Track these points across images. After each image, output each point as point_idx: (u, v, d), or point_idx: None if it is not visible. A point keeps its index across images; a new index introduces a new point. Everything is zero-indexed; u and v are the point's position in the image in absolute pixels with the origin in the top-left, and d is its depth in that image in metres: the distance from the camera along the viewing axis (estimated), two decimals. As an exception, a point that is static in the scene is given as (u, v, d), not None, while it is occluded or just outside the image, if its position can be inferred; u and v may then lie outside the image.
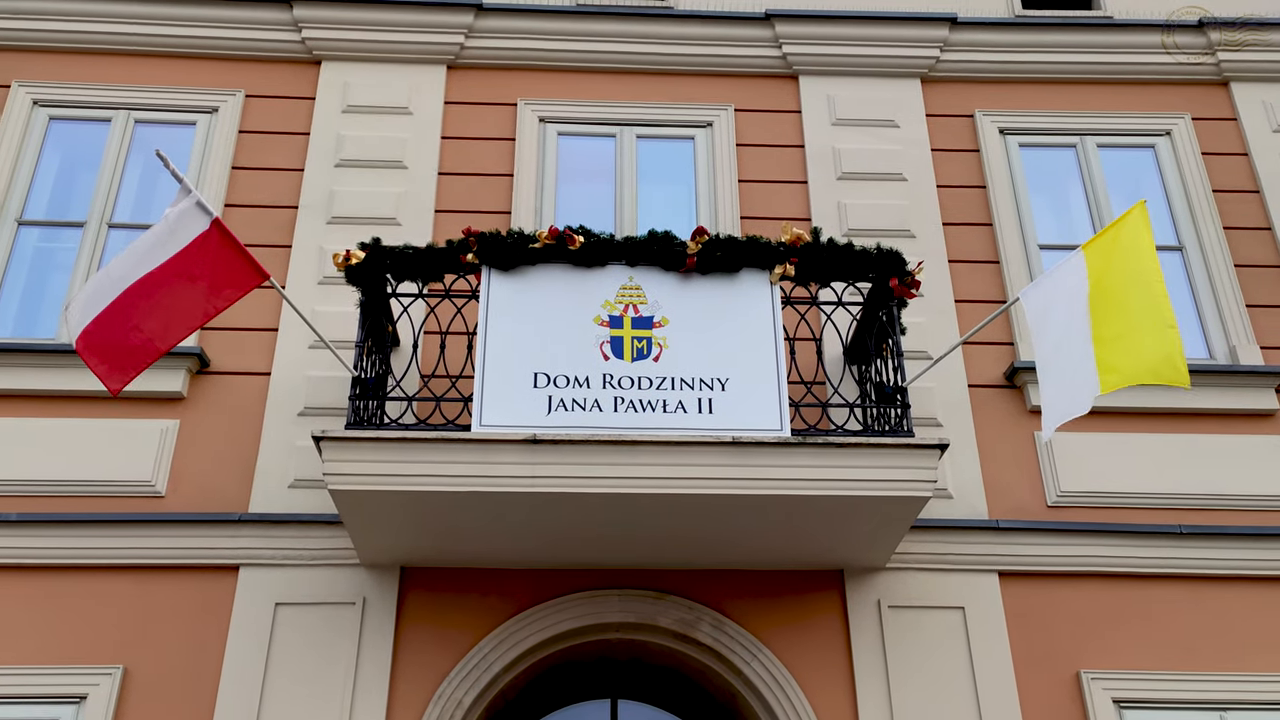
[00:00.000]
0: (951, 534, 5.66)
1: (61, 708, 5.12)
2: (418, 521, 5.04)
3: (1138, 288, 4.76)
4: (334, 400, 5.88)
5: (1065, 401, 4.76)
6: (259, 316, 6.17)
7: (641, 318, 5.16)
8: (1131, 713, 5.35)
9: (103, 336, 4.58)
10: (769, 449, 4.84)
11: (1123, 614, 5.58)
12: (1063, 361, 4.84)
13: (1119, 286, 4.81)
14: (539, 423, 4.89)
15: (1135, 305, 4.74)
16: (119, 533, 5.49)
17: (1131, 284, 4.78)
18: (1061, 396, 4.78)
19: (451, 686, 5.25)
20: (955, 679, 5.34)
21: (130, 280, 4.67)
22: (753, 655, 5.39)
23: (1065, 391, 4.78)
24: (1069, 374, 4.78)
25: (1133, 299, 4.75)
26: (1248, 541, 5.71)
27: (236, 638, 5.30)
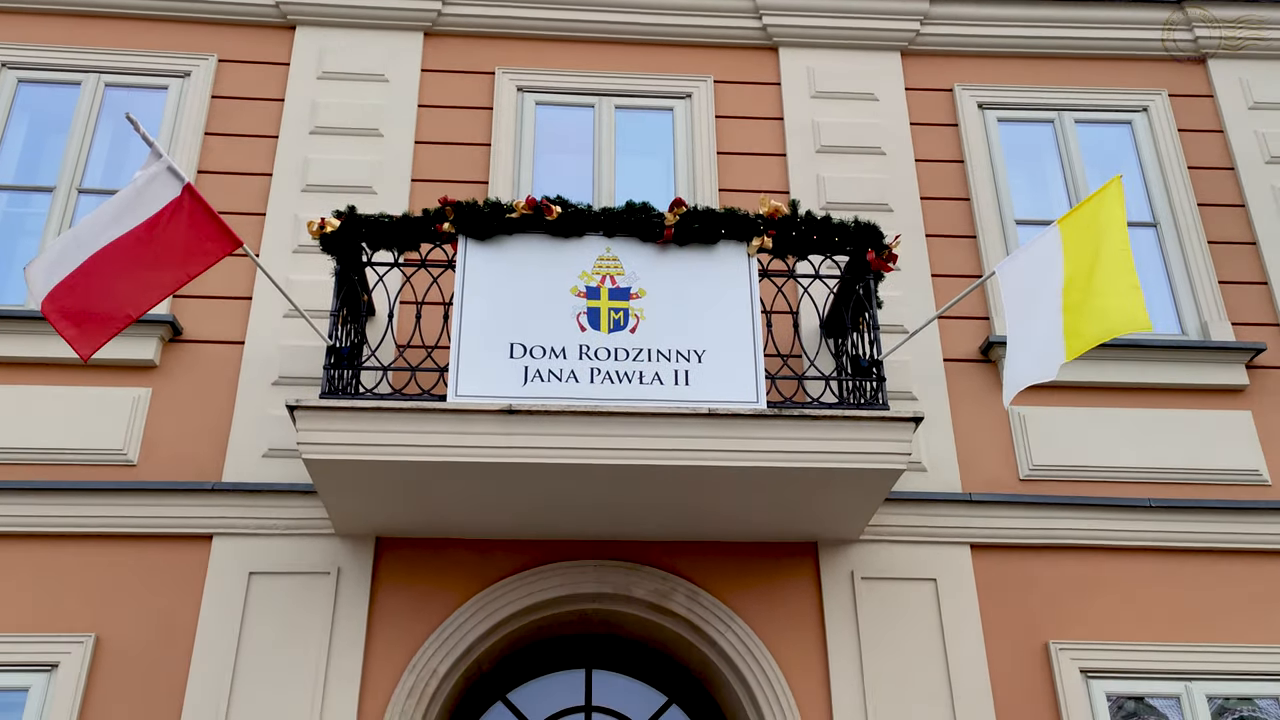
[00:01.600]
0: (925, 506, 5.71)
1: (33, 675, 5.10)
2: (393, 491, 5.03)
3: (1107, 257, 4.79)
4: (309, 370, 5.85)
5: (1030, 368, 4.78)
6: (232, 285, 6.11)
7: (618, 289, 5.15)
8: (1098, 682, 5.43)
9: (71, 301, 4.52)
10: (745, 421, 4.85)
11: (1092, 586, 5.65)
12: (1032, 332, 4.85)
13: (1090, 258, 4.83)
14: (515, 393, 4.88)
15: (1103, 272, 4.77)
16: (91, 501, 5.45)
17: (1102, 255, 4.81)
18: (1027, 364, 4.80)
19: (426, 655, 5.27)
20: (926, 650, 5.40)
21: (99, 244, 4.60)
22: (726, 626, 5.43)
23: (1032, 359, 4.80)
24: (1038, 343, 4.80)
25: (1102, 267, 4.78)
26: (1217, 515, 5.79)
27: (210, 607, 5.28)
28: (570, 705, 5.83)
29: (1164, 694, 5.45)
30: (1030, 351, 4.83)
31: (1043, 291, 4.91)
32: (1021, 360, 4.84)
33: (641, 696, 5.87)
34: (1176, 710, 5.42)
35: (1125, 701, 5.43)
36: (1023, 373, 4.80)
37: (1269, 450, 6.05)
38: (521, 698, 5.83)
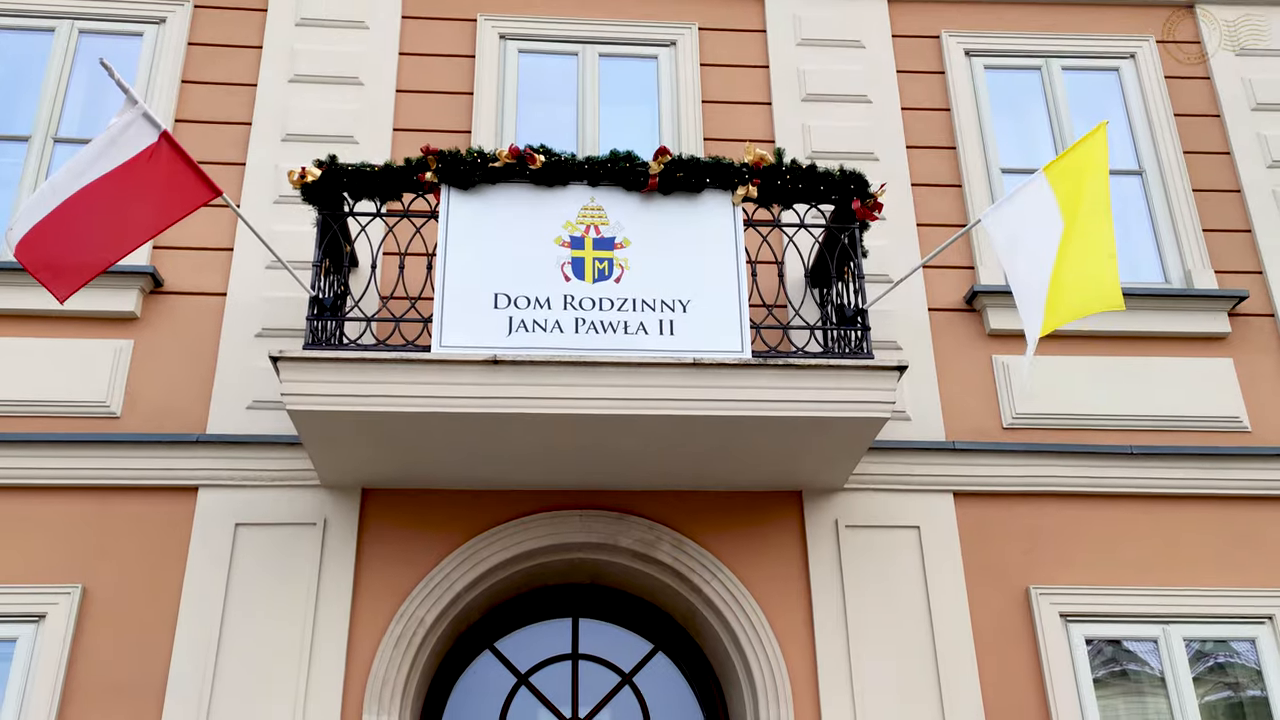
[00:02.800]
0: (908, 455, 5.75)
1: (21, 626, 5.13)
2: (378, 442, 5.03)
3: (1087, 218, 4.78)
4: (292, 321, 5.82)
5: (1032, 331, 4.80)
6: (213, 236, 6.06)
7: (603, 238, 5.12)
8: (1077, 625, 5.51)
9: (47, 247, 4.47)
10: (730, 370, 4.86)
11: (1073, 532, 5.72)
12: (1030, 292, 4.84)
13: (1082, 216, 4.82)
14: (499, 343, 4.87)
15: (1082, 237, 4.76)
16: (75, 453, 5.44)
17: (1082, 214, 4.80)
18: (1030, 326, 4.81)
19: (414, 605, 5.30)
20: (909, 596, 5.47)
21: (73, 189, 4.54)
22: (712, 574, 5.48)
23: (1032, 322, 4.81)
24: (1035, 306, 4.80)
25: (1081, 230, 4.78)
26: (1197, 461, 5.85)
27: (196, 558, 5.30)
28: (557, 653, 5.89)
29: (1142, 637, 5.54)
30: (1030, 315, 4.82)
31: (1040, 248, 4.88)
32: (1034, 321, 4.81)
33: (628, 644, 5.94)
34: (1155, 653, 5.51)
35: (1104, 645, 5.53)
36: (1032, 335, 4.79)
37: (1249, 397, 6.10)
38: (509, 646, 5.89)
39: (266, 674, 5.09)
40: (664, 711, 5.79)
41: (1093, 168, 4.85)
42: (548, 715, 5.75)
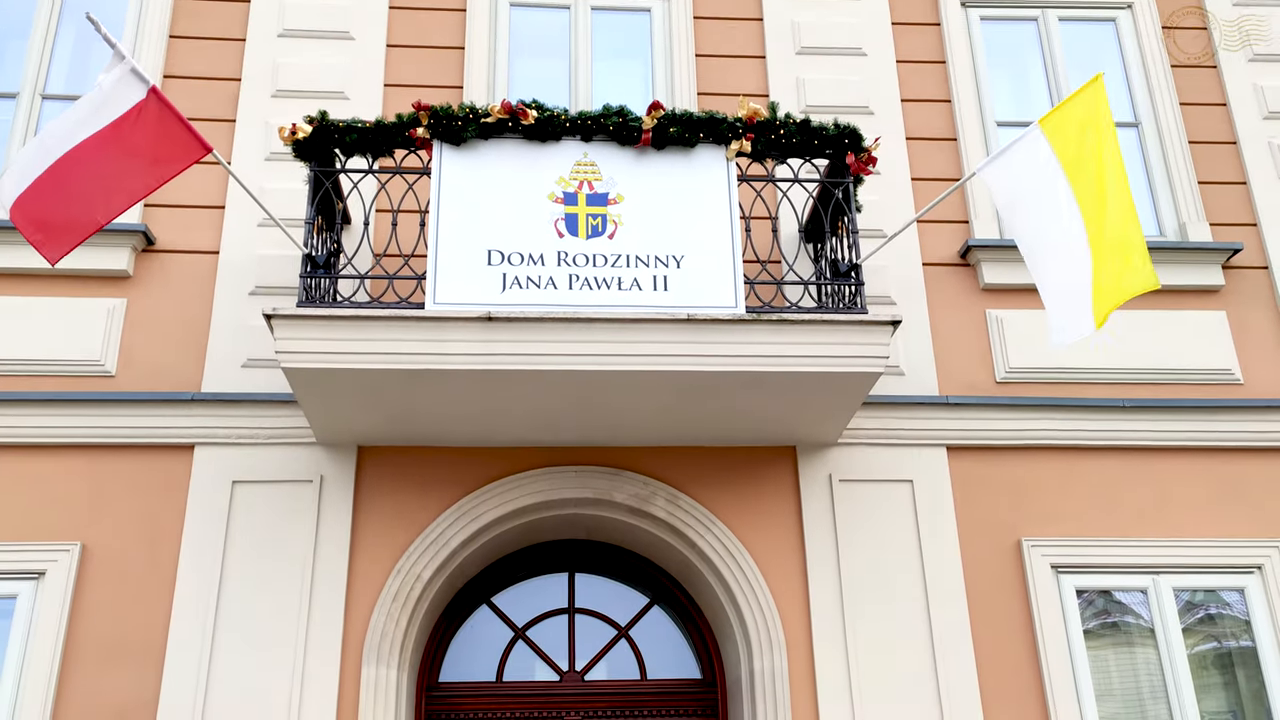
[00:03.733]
0: (902, 410, 5.77)
1: (21, 583, 5.17)
2: (373, 400, 5.04)
3: (1110, 181, 4.71)
4: (285, 279, 5.81)
5: (1069, 312, 4.68)
6: (205, 193, 6.02)
7: (596, 194, 5.10)
8: (1068, 577, 5.57)
9: (39, 207, 4.45)
10: (724, 326, 4.86)
11: (1065, 485, 5.76)
12: (1061, 263, 4.73)
13: (1095, 178, 4.75)
14: (493, 300, 4.86)
15: (1111, 204, 4.67)
16: (71, 411, 5.45)
17: (1104, 176, 4.72)
18: (1065, 305, 4.70)
19: (411, 560, 5.34)
20: (902, 549, 5.51)
21: (64, 149, 4.51)
22: (706, 528, 5.52)
23: (1068, 300, 4.69)
24: (1070, 280, 4.70)
25: (1108, 195, 4.70)
26: (1189, 414, 5.88)
27: (194, 515, 5.33)
28: (554, 607, 5.95)
29: (1132, 587, 5.60)
30: (1065, 290, 4.71)
31: (1050, 207, 4.81)
32: (1057, 298, 4.72)
33: (624, 598, 6.00)
34: (1145, 605, 5.58)
35: (1094, 596, 5.59)
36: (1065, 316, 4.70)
37: (1241, 349, 6.12)
38: (506, 600, 5.94)
39: (266, 629, 5.14)
40: (660, 663, 5.86)
41: (1095, 124, 4.79)
42: (545, 668, 5.82)
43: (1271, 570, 5.62)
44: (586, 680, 5.78)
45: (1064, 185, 4.80)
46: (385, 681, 5.12)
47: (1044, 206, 4.83)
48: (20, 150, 4.64)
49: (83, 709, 4.99)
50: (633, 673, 5.82)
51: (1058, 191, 4.80)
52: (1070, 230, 4.75)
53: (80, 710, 4.99)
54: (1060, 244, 4.77)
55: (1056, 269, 4.77)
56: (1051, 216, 4.80)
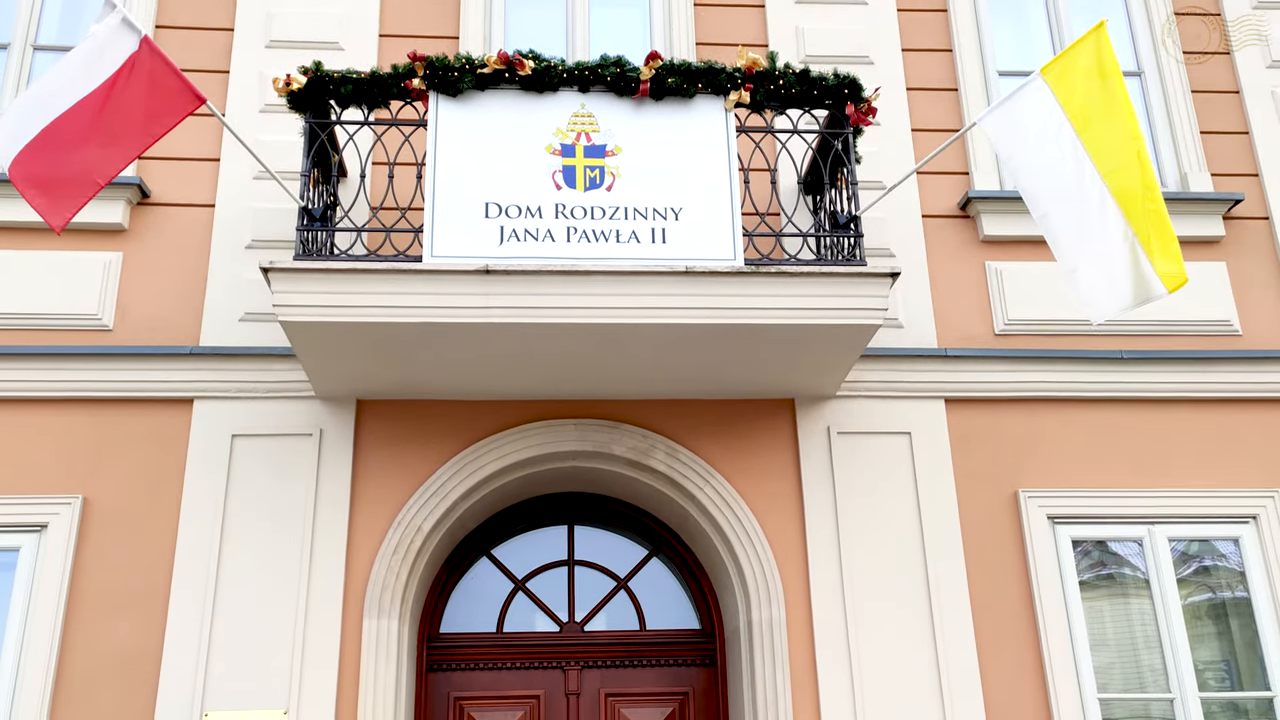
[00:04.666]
0: (900, 362, 5.77)
1: (23, 536, 5.20)
2: (372, 353, 5.04)
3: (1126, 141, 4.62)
4: (282, 233, 5.78)
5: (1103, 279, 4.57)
6: (199, 146, 5.97)
7: (594, 146, 5.06)
8: (1064, 527, 5.61)
9: (38, 168, 4.41)
10: (722, 278, 4.85)
11: (1063, 436, 5.78)
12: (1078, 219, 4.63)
13: (1106, 129, 4.67)
14: (491, 253, 4.84)
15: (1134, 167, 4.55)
16: (69, 365, 5.45)
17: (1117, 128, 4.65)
18: (1096, 270, 4.58)
19: (411, 513, 5.37)
20: (899, 500, 5.54)
21: (62, 106, 4.47)
22: (705, 480, 5.54)
23: (1099, 264, 4.58)
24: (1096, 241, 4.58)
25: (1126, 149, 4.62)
26: (1187, 365, 5.88)
27: (194, 468, 5.35)
28: (553, 559, 5.99)
29: (1128, 537, 5.64)
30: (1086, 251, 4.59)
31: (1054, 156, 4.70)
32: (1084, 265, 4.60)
33: (623, 550, 6.04)
34: (1140, 556, 5.62)
35: (1090, 548, 5.63)
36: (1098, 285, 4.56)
37: (1241, 301, 6.12)
38: (505, 552, 5.98)
39: (268, 581, 5.18)
40: (658, 614, 5.92)
41: (1101, 73, 4.72)
42: (545, 619, 5.87)
43: (1266, 520, 5.66)
44: (586, 631, 5.84)
45: (1070, 135, 4.74)
46: (386, 632, 5.17)
47: (1049, 158, 4.77)
48: (13, 103, 4.59)
49: (87, 658, 5.05)
50: (632, 623, 5.87)
51: (1063, 142, 4.74)
52: (1086, 186, 4.66)
53: (85, 659, 5.04)
54: (1072, 198, 4.68)
55: (1078, 226, 4.66)
56: (1059, 169, 4.72)
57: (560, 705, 5.68)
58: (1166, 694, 5.38)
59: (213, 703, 4.98)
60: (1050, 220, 4.73)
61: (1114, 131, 4.65)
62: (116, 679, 5.02)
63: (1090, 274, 4.63)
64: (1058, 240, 4.71)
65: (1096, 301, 4.62)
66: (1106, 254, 4.60)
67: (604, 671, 5.74)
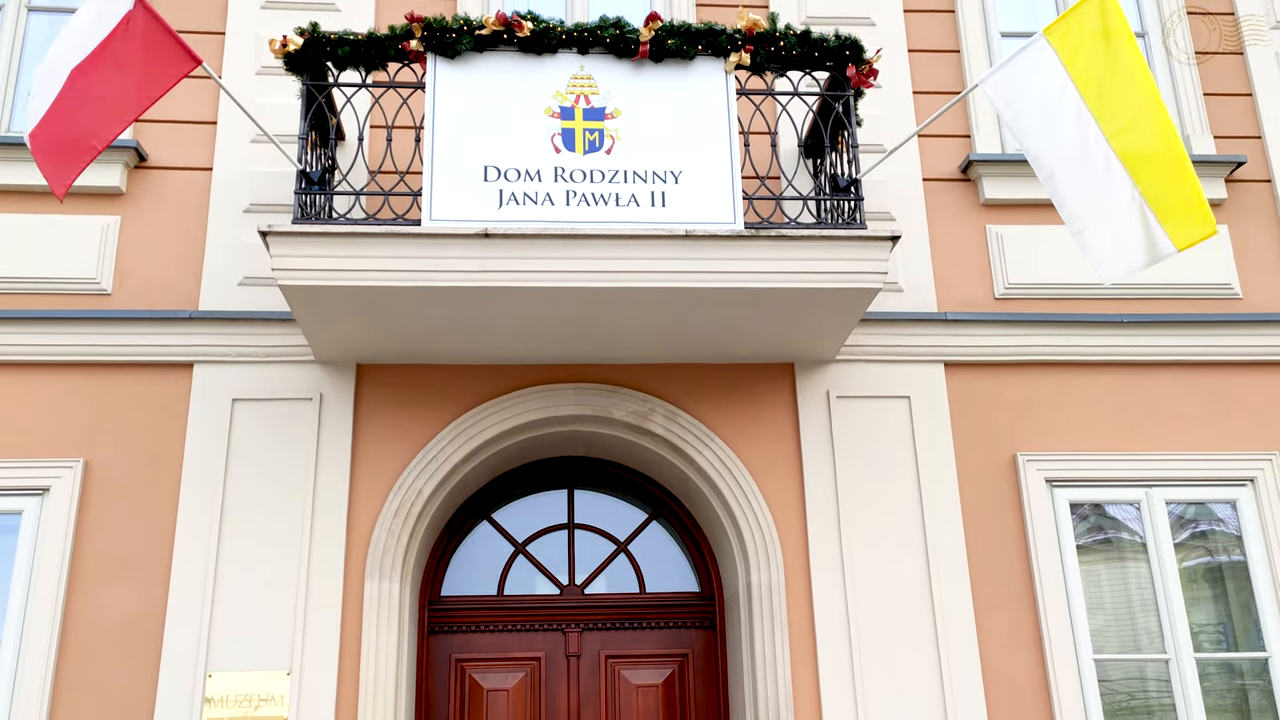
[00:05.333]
0: (900, 326, 5.77)
1: (25, 499, 5.22)
2: (371, 317, 5.03)
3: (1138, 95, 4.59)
4: (280, 196, 5.75)
5: (1113, 240, 4.56)
6: (196, 108, 5.93)
7: (593, 109, 5.03)
8: (1062, 490, 5.63)
9: (48, 134, 4.42)
10: (722, 242, 4.84)
11: (1062, 400, 5.78)
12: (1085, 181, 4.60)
13: (1112, 89, 4.64)
14: (490, 216, 4.82)
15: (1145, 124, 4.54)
16: (69, 329, 5.44)
17: (1125, 88, 4.61)
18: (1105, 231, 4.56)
19: (411, 477, 5.39)
20: (898, 464, 5.56)
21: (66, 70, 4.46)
22: (704, 444, 5.56)
23: (1109, 225, 4.56)
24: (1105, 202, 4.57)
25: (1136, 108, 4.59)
26: (1187, 329, 5.88)
27: (195, 433, 5.36)
28: (553, 523, 6.02)
29: (1125, 500, 5.67)
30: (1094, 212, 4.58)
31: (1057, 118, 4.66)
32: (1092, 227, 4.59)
33: (622, 513, 6.07)
34: (1138, 519, 5.65)
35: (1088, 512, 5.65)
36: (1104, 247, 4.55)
37: (1241, 264, 6.10)
38: (506, 516, 6.01)
39: (269, 545, 5.20)
40: (658, 577, 5.95)
41: (1107, 33, 4.67)
42: (545, 582, 5.91)
43: (1264, 483, 5.68)
44: (586, 594, 5.88)
45: (1074, 96, 4.70)
46: (388, 595, 5.21)
47: (1053, 119, 4.72)
48: (39, 70, 4.57)
49: (91, 620, 5.08)
50: (631, 586, 5.91)
51: (1066, 103, 4.70)
52: (1091, 147, 4.62)
53: (89, 621, 5.08)
54: (1077, 159, 4.64)
55: (1084, 189, 4.64)
56: (1063, 130, 4.67)
57: (560, 667, 5.73)
58: (1162, 655, 5.43)
59: (216, 664, 5.02)
60: (1056, 181, 4.70)
61: (1121, 91, 4.61)
62: (120, 640, 5.06)
63: (1099, 235, 4.62)
64: (1064, 201, 4.69)
65: (1106, 262, 4.63)
66: (1114, 215, 4.59)
67: (604, 634, 5.79)
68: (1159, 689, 5.41)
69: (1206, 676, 5.44)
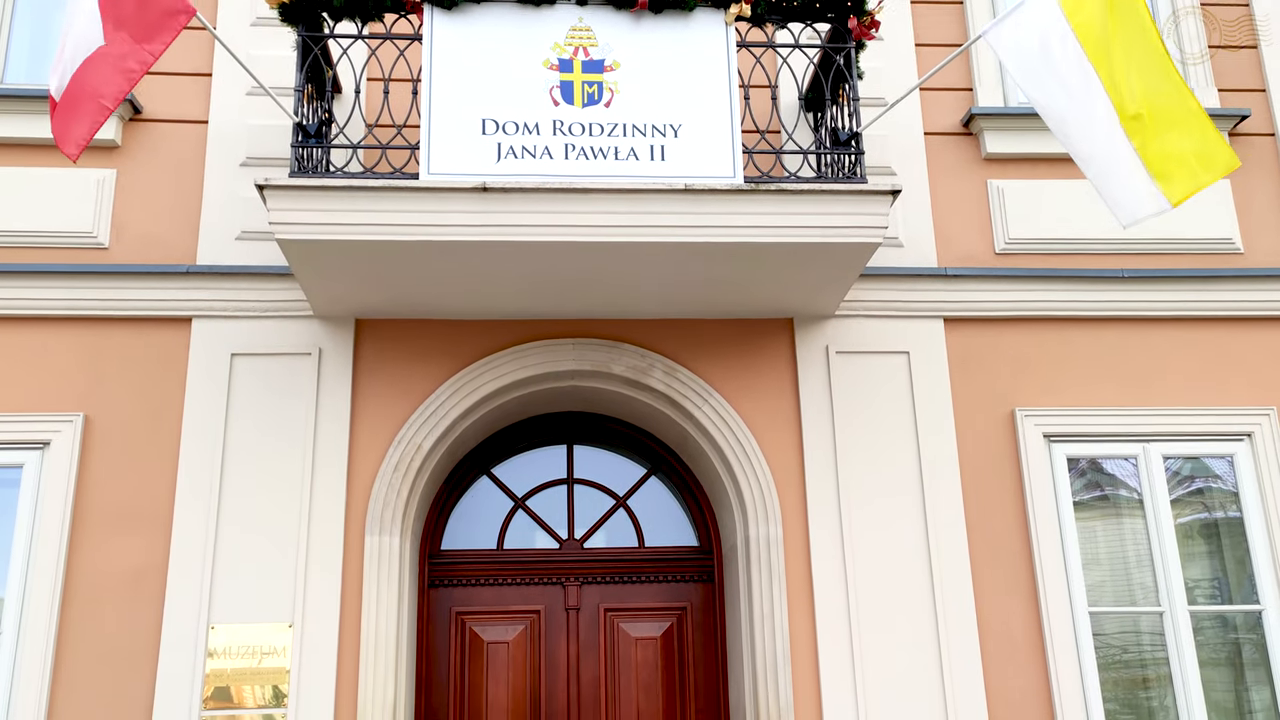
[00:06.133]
0: (900, 281, 5.75)
1: (26, 453, 5.24)
2: (369, 272, 5.02)
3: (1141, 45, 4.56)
4: (276, 150, 5.71)
5: (1125, 188, 4.60)
6: (190, 60, 5.87)
7: (592, 61, 4.98)
8: (1059, 445, 5.64)
9: (65, 97, 4.39)
10: (721, 196, 4.81)
11: (1061, 355, 5.78)
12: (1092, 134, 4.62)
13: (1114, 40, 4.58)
14: (488, 170, 4.79)
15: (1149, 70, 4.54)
16: (66, 283, 5.43)
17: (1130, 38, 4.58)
18: (1117, 181, 4.61)
19: (411, 431, 5.40)
20: (897, 419, 5.57)
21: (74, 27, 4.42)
22: (703, 400, 5.56)
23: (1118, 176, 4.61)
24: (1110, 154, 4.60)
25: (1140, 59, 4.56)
26: (1187, 283, 5.86)
27: (194, 387, 5.36)
28: (553, 478, 6.04)
29: (1122, 455, 5.69)
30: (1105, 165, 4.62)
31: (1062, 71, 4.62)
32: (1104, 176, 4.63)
33: (622, 468, 6.09)
34: (1135, 476, 5.67)
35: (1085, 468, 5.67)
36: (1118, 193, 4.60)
37: (1244, 218, 6.07)
38: (505, 471, 6.03)
39: (270, 499, 5.22)
40: (657, 532, 5.99)
41: None
42: (545, 536, 5.94)
43: (1261, 438, 5.69)
44: (585, 548, 5.92)
45: (1075, 47, 4.66)
46: (388, 549, 5.24)
47: (1057, 71, 4.69)
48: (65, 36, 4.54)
49: (94, 573, 5.12)
50: (630, 541, 5.95)
51: (1069, 54, 4.66)
52: (1094, 98, 4.61)
53: (92, 574, 5.11)
54: (1085, 113, 4.64)
55: (1090, 141, 4.65)
56: (1070, 82, 4.66)
57: (560, 620, 5.78)
58: (1156, 607, 5.47)
59: (219, 616, 5.07)
60: (1068, 129, 4.69)
61: (1122, 42, 4.58)
62: (123, 593, 5.10)
63: (1110, 181, 4.65)
64: (1077, 150, 4.69)
65: (1120, 206, 4.66)
66: (1119, 164, 4.61)
67: (603, 587, 5.83)
68: (1153, 643, 5.46)
69: (1200, 631, 5.49)
